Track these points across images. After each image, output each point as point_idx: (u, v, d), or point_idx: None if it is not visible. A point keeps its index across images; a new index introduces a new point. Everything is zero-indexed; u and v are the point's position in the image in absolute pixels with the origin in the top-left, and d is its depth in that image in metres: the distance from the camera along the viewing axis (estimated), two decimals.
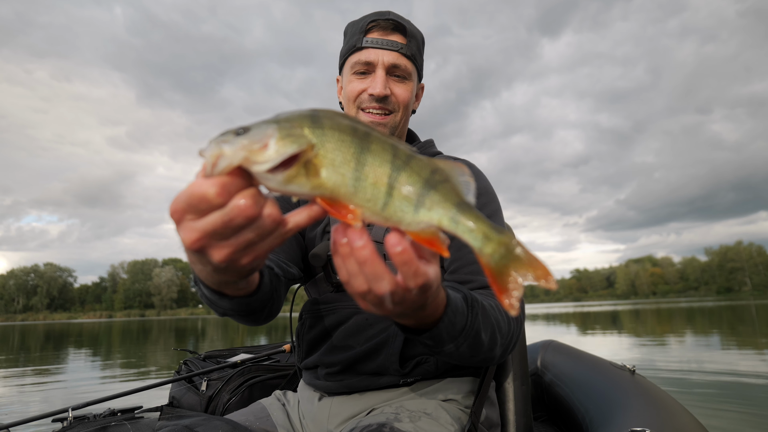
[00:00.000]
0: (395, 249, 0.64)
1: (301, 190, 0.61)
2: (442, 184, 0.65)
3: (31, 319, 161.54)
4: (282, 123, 0.61)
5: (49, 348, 16.03)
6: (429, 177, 0.65)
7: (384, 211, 0.64)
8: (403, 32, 1.39)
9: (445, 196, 0.65)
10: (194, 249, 0.63)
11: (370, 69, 1.38)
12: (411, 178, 0.64)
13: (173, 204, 0.59)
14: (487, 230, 0.64)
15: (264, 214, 0.61)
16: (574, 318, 27.26)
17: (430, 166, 0.66)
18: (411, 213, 0.64)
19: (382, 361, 1.27)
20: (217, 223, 0.59)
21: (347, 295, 1.36)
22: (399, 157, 0.65)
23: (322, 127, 0.62)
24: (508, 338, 1.09)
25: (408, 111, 1.46)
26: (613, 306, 65.01)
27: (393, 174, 0.64)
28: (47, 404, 5.52)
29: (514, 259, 0.64)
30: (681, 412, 1.45)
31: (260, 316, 1.09)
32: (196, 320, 55.27)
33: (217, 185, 0.57)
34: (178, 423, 1.14)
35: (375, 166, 0.63)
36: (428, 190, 0.65)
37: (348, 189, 0.62)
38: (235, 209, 0.58)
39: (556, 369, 2.00)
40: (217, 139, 0.59)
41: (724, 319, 21.01)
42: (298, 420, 1.39)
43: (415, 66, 1.43)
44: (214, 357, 2.25)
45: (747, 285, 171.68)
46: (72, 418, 1.41)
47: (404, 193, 0.64)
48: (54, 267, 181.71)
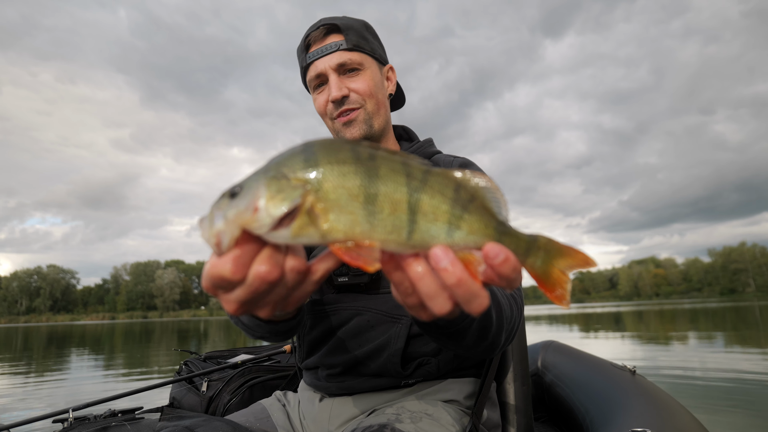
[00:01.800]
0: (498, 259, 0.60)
1: (312, 241, 0.57)
2: (472, 204, 0.62)
3: (34, 321, 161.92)
4: (271, 175, 0.56)
5: (51, 349, 16.06)
6: (454, 195, 0.61)
7: (410, 240, 0.59)
8: (338, 30, 1.39)
9: (482, 218, 0.62)
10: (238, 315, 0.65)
11: (324, 79, 1.39)
12: (435, 200, 0.60)
13: (203, 282, 0.60)
14: (527, 241, 0.64)
15: (287, 269, 0.60)
16: (576, 319, 27.20)
17: (452, 181, 0.62)
18: (444, 236, 0.61)
19: (384, 363, 1.27)
20: (246, 295, 0.60)
21: (348, 296, 1.36)
22: (414, 176, 0.60)
23: (317, 165, 0.57)
24: (511, 324, 1.07)
25: (378, 98, 1.43)
26: (615, 307, 64.83)
27: (413, 198, 0.59)
28: (48, 405, 5.53)
29: (555, 257, 0.65)
30: (682, 413, 1.44)
31: (293, 333, 1.11)
32: (198, 322, 55.33)
33: (231, 263, 0.56)
34: (179, 424, 1.14)
35: (389, 193, 0.58)
36: (461, 210, 0.61)
37: (363, 227, 0.57)
38: (257, 280, 0.58)
39: (556, 369, 2.00)
40: (212, 209, 0.56)
41: (728, 320, 20.94)
42: (299, 421, 1.38)
43: (364, 53, 1.41)
44: (214, 358, 2.25)
45: (750, 286, 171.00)
46: (72, 418, 1.41)
47: (432, 218, 0.60)
48: (57, 269, 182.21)
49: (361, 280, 1.30)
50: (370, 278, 1.30)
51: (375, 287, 1.34)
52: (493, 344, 1.03)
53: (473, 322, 0.91)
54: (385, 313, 1.31)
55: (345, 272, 1.32)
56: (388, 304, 1.31)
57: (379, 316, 1.31)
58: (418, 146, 1.54)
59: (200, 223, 0.57)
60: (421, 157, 1.46)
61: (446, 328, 0.89)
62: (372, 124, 1.41)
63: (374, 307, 1.32)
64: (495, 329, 0.99)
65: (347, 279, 1.32)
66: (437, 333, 0.92)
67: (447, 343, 0.97)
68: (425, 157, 1.48)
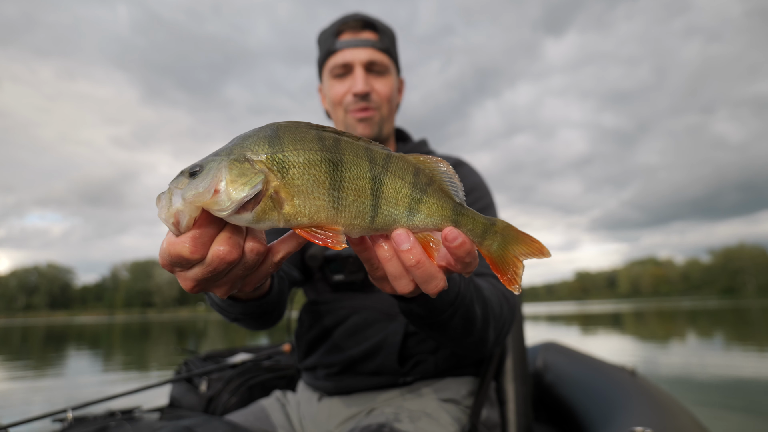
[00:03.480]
0: (454, 242, 0.65)
1: (276, 225, 0.57)
2: (430, 186, 0.66)
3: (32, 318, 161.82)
4: (233, 157, 0.56)
5: (50, 347, 16.05)
6: (414, 180, 0.65)
7: (373, 224, 0.64)
8: (374, 28, 1.40)
9: (440, 200, 0.67)
10: (195, 293, 0.65)
11: (348, 69, 1.39)
12: (396, 184, 0.64)
13: (160, 259, 0.60)
14: (484, 224, 0.68)
15: (246, 250, 0.61)
16: (576, 319, 27.21)
17: (411, 166, 0.66)
18: (404, 219, 0.65)
19: (381, 361, 1.27)
20: (204, 273, 0.60)
21: (345, 294, 1.36)
22: (376, 161, 0.63)
23: (283, 149, 0.57)
24: (501, 321, 1.08)
25: (392, 105, 1.45)
26: (615, 307, 64.92)
27: (375, 184, 0.62)
28: (47, 404, 5.53)
29: (511, 242, 0.69)
30: (682, 413, 1.44)
31: (270, 319, 1.10)
32: (197, 320, 55.35)
33: (190, 242, 0.56)
34: (178, 423, 1.13)
35: (353, 179, 0.60)
36: (420, 193, 0.65)
37: (329, 212, 0.59)
38: (216, 259, 0.58)
39: (556, 370, 2.00)
40: (170, 187, 0.56)
41: (727, 320, 20.95)
42: (298, 420, 1.38)
43: (391, 59, 1.44)
44: (214, 357, 2.24)
45: (750, 286, 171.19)
46: (72, 418, 1.41)
47: (394, 202, 0.64)
48: (55, 267, 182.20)
49: (357, 278, 1.30)
50: (366, 275, 1.30)
51: (371, 285, 1.34)
52: (482, 340, 1.03)
53: (454, 315, 0.92)
54: (382, 310, 1.31)
55: (340, 269, 1.31)
56: (385, 302, 1.31)
57: (375, 314, 1.31)
58: (413, 146, 1.54)
59: (158, 201, 0.56)
60: None
61: (427, 318, 0.91)
62: (382, 128, 1.44)
63: (371, 305, 1.32)
64: (481, 324, 1.00)
65: (343, 277, 1.32)
66: (420, 323, 0.94)
67: (431, 334, 0.98)
68: None
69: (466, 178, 1.40)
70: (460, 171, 1.42)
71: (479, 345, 1.04)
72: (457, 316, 0.92)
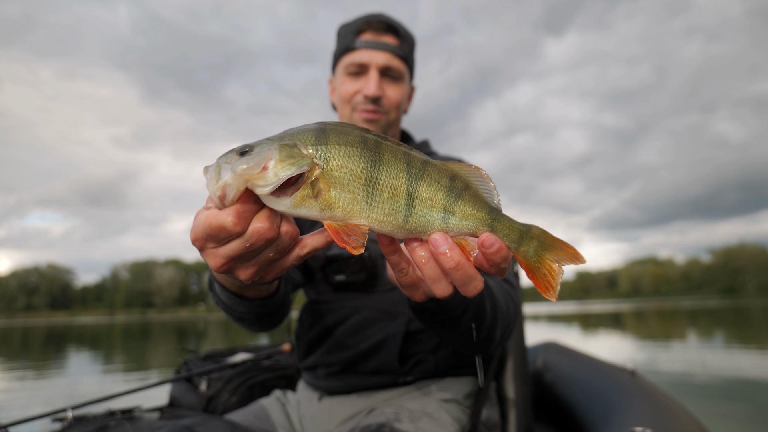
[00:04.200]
0: (492, 248, 0.65)
1: (311, 214, 0.61)
2: (466, 191, 0.67)
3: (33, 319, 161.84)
4: (284, 142, 0.60)
5: (50, 347, 16.05)
6: (450, 184, 0.66)
7: (407, 224, 0.64)
8: (396, 33, 1.40)
9: (476, 204, 0.67)
10: (221, 272, 0.66)
11: (364, 70, 1.39)
12: (431, 187, 0.65)
13: (193, 233, 0.63)
14: (521, 230, 0.68)
15: (282, 232, 0.64)
16: (576, 318, 27.20)
17: (448, 171, 0.67)
18: (439, 222, 0.66)
19: (382, 360, 1.27)
20: (240, 249, 0.62)
21: (346, 294, 1.36)
22: (414, 165, 0.65)
23: (327, 142, 0.61)
24: (507, 320, 1.08)
25: (400, 111, 1.47)
26: (615, 306, 64.89)
27: (411, 184, 0.64)
28: (47, 403, 5.53)
29: (546, 249, 0.69)
30: (682, 412, 1.44)
31: (273, 320, 1.11)
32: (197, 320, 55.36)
33: (233, 215, 0.59)
34: (178, 423, 1.13)
35: (390, 177, 0.63)
36: (455, 198, 0.66)
37: (362, 206, 0.62)
38: (255, 234, 0.61)
39: (556, 370, 2.00)
40: (219, 162, 0.60)
41: (727, 320, 20.94)
42: (298, 420, 1.38)
43: (407, 67, 1.44)
44: (214, 356, 2.24)
45: (750, 285, 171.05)
46: (71, 417, 1.41)
47: (429, 204, 0.65)
48: (55, 267, 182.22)
49: (358, 278, 1.30)
50: (367, 276, 1.30)
51: (372, 286, 1.33)
52: (488, 338, 1.03)
53: (466, 311, 0.91)
54: (383, 310, 1.31)
55: (342, 270, 1.32)
56: (386, 302, 1.31)
57: (376, 313, 1.31)
58: (415, 148, 1.54)
59: (205, 172, 0.60)
60: None
61: (439, 314, 0.90)
62: (386, 132, 1.45)
63: (372, 305, 1.32)
64: (489, 322, 0.99)
65: (344, 277, 1.32)
66: (431, 320, 0.93)
67: (441, 331, 0.97)
68: None
69: None
70: None
71: (485, 343, 1.04)
72: (468, 312, 0.92)
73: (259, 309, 0.97)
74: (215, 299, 1.00)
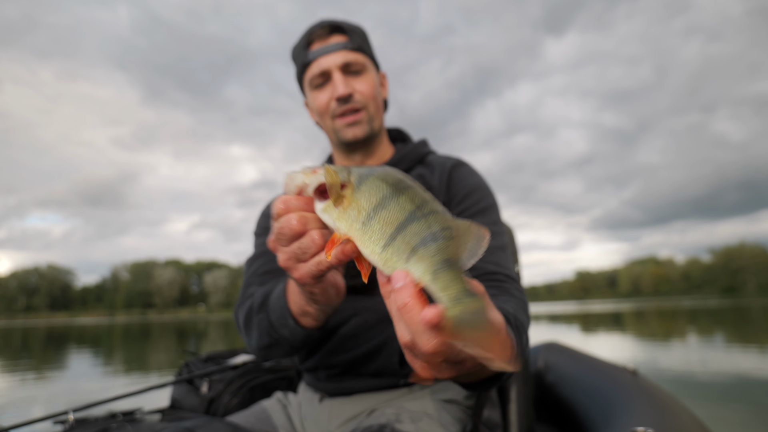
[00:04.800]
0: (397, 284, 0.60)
1: (328, 221, 0.71)
2: (446, 241, 0.61)
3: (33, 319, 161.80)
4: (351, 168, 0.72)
5: (50, 349, 16.05)
6: (436, 232, 0.61)
7: (382, 253, 0.64)
8: (341, 31, 1.39)
9: (438, 251, 0.61)
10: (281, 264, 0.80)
11: (326, 77, 1.38)
12: (418, 228, 0.62)
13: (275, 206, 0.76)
14: (460, 293, 0.58)
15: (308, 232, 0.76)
16: (576, 318, 27.21)
17: (445, 223, 0.63)
18: (403, 262, 0.62)
19: (383, 362, 1.27)
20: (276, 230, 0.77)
21: (347, 297, 1.36)
22: (421, 209, 0.64)
23: (369, 176, 0.69)
24: (527, 332, 1.07)
25: (378, 102, 1.44)
26: (615, 306, 64.89)
27: (405, 222, 0.64)
28: (48, 406, 5.53)
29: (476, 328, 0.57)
30: (684, 413, 1.44)
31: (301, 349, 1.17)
32: (197, 321, 55.36)
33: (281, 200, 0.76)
34: (179, 425, 1.13)
35: (393, 211, 0.66)
36: (427, 242, 0.61)
37: (360, 226, 0.67)
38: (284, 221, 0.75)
39: (557, 370, 2.00)
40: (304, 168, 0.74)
41: (728, 319, 20.94)
42: (299, 422, 1.38)
43: (366, 56, 1.42)
44: (215, 358, 2.24)
45: (751, 285, 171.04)
46: (72, 420, 1.40)
47: (405, 240, 0.62)
48: (56, 267, 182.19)
49: (358, 282, 1.30)
50: (367, 280, 1.30)
51: (372, 289, 1.33)
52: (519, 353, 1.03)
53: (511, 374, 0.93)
54: (383, 313, 1.30)
55: (342, 274, 1.31)
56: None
57: (377, 316, 1.31)
58: (412, 147, 1.53)
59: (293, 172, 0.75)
60: (414, 157, 1.47)
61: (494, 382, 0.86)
62: (373, 126, 1.42)
63: (372, 308, 1.32)
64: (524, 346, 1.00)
65: (345, 280, 1.31)
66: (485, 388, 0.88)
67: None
68: (418, 157, 1.48)
69: (466, 179, 1.40)
70: (461, 172, 1.42)
71: None
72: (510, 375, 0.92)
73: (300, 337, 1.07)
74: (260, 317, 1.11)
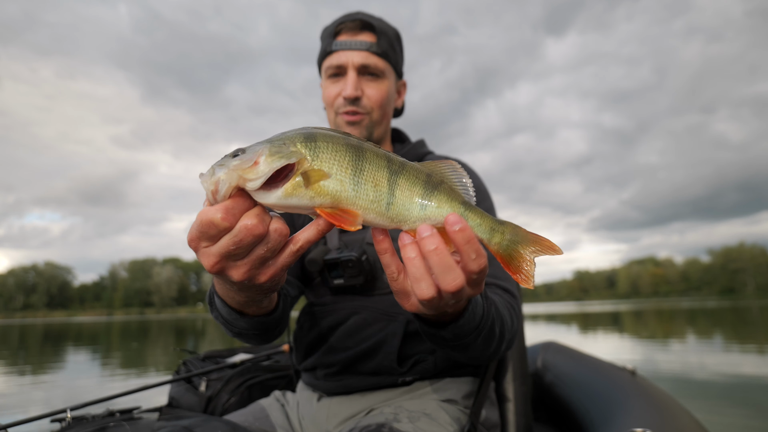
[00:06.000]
0: (455, 227, 0.68)
1: (301, 203, 0.65)
2: (441, 185, 0.72)
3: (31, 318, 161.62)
4: (274, 141, 0.65)
5: (48, 347, 16.04)
6: (426, 179, 0.72)
7: (389, 211, 0.69)
8: (372, 30, 1.38)
9: (450, 195, 0.72)
10: (214, 272, 0.68)
11: (342, 71, 1.38)
12: (410, 180, 0.71)
13: (189, 234, 0.65)
14: (492, 222, 0.73)
15: (271, 230, 0.65)
16: (575, 318, 27.23)
17: (425, 169, 0.73)
18: (417, 211, 0.71)
19: (380, 360, 1.27)
20: (229, 245, 0.64)
21: (345, 297, 1.36)
22: (393, 162, 0.71)
23: (315, 140, 0.67)
24: (511, 333, 1.10)
25: (386, 110, 1.44)
26: (614, 306, 64.97)
27: (392, 177, 0.70)
28: (46, 404, 5.53)
29: (520, 241, 0.73)
30: (682, 413, 1.44)
31: (272, 335, 1.12)
32: (195, 319, 55.36)
33: (222, 210, 0.62)
34: (177, 423, 1.13)
35: (372, 171, 0.69)
36: (431, 189, 0.71)
37: (349, 193, 0.67)
38: (243, 230, 0.63)
39: (556, 370, 2.00)
40: (213, 165, 0.63)
41: (726, 320, 20.97)
42: (297, 420, 1.38)
43: (388, 63, 1.42)
44: (213, 357, 2.24)
45: (749, 286, 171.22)
46: (70, 418, 1.40)
47: (408, 194, 0.70)
48: (53, 265, 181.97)
49: (357, 282, 1.30)
50: (366, 279, 1.30)
51: (370, 289, 1.33)
52: (494, 353, 1.06)
53: (478, 337, 0.94)
54: (382, 311, 1.31)
55: (341, 274, 1.32)
56: (385, 302, 1.31)
57: (375, 314, 1.31)
58: (410, 147, 1.54)
59: (200, 176, 0.64)
60: (412, 157, 1.47)
61: (451, 341, 0.92)
62: (372, 132, 1.43)
63: (371, 306, 1.32)
64: (497, 341, 1.03)
65: (343, 281, 1.32)
66: (443, 345, 0.95)
67: (452, 354, 1.00)
68: (417, 157, 1.49)
69: None
70: None
71: (492, 356, 1.07)
72: (480, 337, 0.95)
73: (258, 325, 0.98)
74: (215, 314, 1.01)
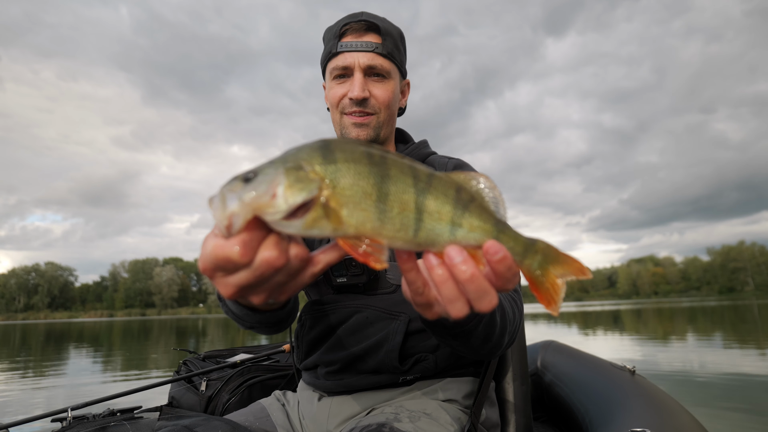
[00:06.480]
0: (496, 257, 0.62)
1: (323, 233, 0.58)
2: (472, 203, 0.65)
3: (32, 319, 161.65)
4: (290, 165, 0.57)
5: (50, 347, 16.05)
6: (456, 196, 0.64)
7: (416, 238, 0.63)
8: (377, 31, 1.38)
9: (481, 217, 0.65)
10: (232, 299, 0.64)
11: (348, 72, 1.38)
12: (438, 200, 0.63)
13: (202, 263, 0.60)
14: (525, 242, 0.66)
15: (291, 256, 0.61)
16: (575, 317, 27.23)
17: (453, 183, 0.65)
18: (447, 234, 0.64)
19: (382, 359, 1.27)
20: (249, 278, 0.60)
21: (347, 296, 1.36)
22: (420, 179, 0.63)
23: (335, 161, 0.59)
24: (513, 326, 1.09)
25: (392, 110, 1.44)
26: (614, 306, 64.92)
27: (419, 198, 0.62)
28: (47, 404, 5.53)
29: (551, 262, 0.67)
30: (681, 413, 1.44)
31: (285, 325, 1.13)
32: (196, 320, 55.35)
33: (239, 244, 0.56)
34: (178, 423, 1.13)
35: (398, 193, 0.61)
36: (462, 210, 0.64)
37: (374, 224, 0.60)
38: (263, 264, 0.59)
39: (556, 369, 2.00)
40: (224, 191, 0.56)
41: (726, 319, 20.97)
42: (298, 420, 1.38)
43: (394, 63, 1.42)
44: (213, 357, 2.24)
45: (749, 285, 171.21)
46: (71, 418, 1.41)
47: (437, 217, 0.63)
48: (55, 266, 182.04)
49: (360, 281, 1.30)
50: (369, 278, 1.30)
51: (373, 287, 1.34)
52: (496, 346, 1.04)
53: (479, 324, 0.92)
54: (384, 309, 1.31)
55: (344, 273, 1.31)
56: (388, 301, 1.32)
57: (377, 313, 1.31)
58: (413, 148, 1.54)
59: (210, 203, 0.57)
60: (416, 158, 1.47)
61: (452, 329, 0.90)
62: (379, 133, 1.42)
63: (373, 305, 1.32)
64: (499, 331, 1.00)
65: (346, 279, 1.32)
66: (443, 333, 0.93)
67: (452, 344, 0.98)
68: (420, 158, 1.49)
69: None
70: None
71: (494, 350, 1.05)
72: (481, 325, 0.92)
73: (270, 319, 0.99)
74: (225, 309, 1.02)
